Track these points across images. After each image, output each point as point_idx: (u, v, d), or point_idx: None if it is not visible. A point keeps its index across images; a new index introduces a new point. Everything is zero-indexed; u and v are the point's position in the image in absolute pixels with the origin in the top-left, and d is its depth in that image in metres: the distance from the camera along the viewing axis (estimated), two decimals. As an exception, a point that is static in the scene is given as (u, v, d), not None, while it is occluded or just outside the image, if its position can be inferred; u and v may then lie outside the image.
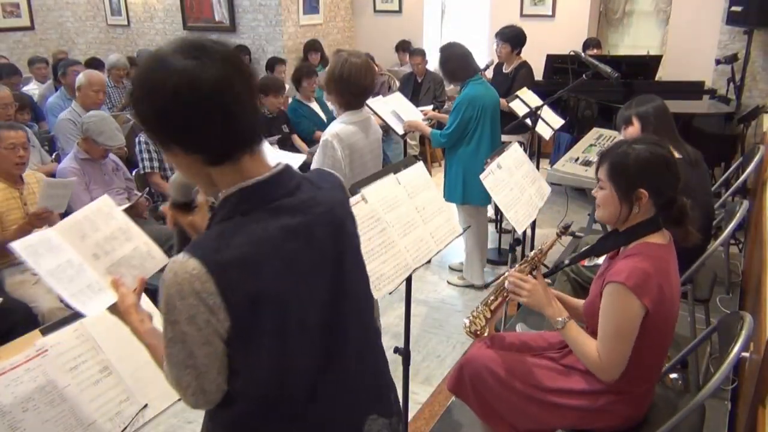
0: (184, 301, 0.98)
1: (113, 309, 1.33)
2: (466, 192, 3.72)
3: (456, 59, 3.69)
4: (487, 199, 2.76)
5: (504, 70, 4.69)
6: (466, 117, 3.63)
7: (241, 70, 1.03)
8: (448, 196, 3.82)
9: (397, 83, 6.54)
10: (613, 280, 1.72)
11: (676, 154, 2.70)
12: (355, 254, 1.24)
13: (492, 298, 2.12)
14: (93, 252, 1.44)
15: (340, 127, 2.56)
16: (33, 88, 6.01)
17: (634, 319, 1.71)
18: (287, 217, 1.07)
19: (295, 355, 1.10)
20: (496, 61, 4.75)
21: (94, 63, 6.12)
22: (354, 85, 2.54)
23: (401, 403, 2.27)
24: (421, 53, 6.06)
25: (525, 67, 4.59)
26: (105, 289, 1.38)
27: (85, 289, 1.38)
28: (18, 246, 1.40)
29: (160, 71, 0.98)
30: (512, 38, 4.50)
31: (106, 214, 1.50)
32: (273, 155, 3.25)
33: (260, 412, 1.11)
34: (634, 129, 2.78)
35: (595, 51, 5.75)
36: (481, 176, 2.76)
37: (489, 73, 4.87)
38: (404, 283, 2.08)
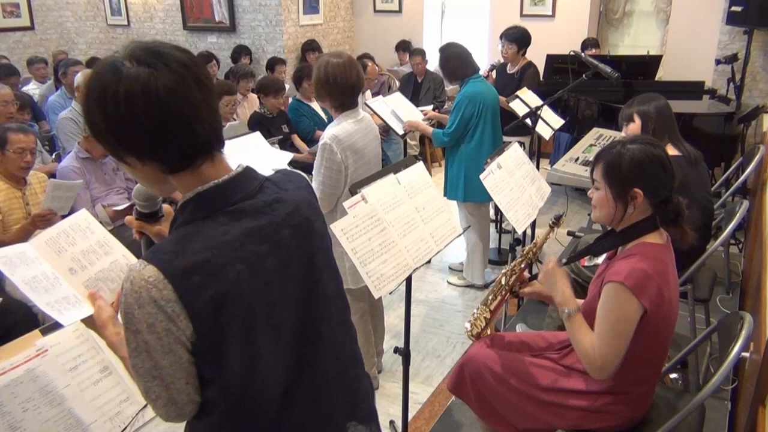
0: (142, 309, 0.96)
1: (88, 322, 1.32)
2: (468, 189, 3.72)
3: (456, 58, 3.71)
4: (488, 195, 2.77)
5: (509, 71, 4.69)
6: (467, 114, 3.63)
7: (198, 77, 1.01)
8: (450, 193, 3.83)
9: (397, 83, 6.54)
10: (612, 279, 1.72)
11: (676, 152, 2.71)
12: (325, 254, 1.21)
13: (491, 298, 2.12)
14: (69, 266, 1.43)
15: (337, 129, 2.55)
16: (33, 88, 6.02)
17: (631, 318, 1.71)
18: (249, 219, 1.05)
19: (267, 359, 1.07)
20: (502, 61, 4.75)
21: (94, 63, 6.12)
22: (341, 85, 2.52)
23: (401, 403, 2.28)
24: (421, 53, 6.06)
25: (532, 67, 4.61)
26: (82, 302, 1.36)
27: (61, 300, 1.36)
28: None
29: (112, 78, 0.96)
30: (518, 38, 4.51)
31: (84, 229, 1.48)
32: (268, 155, 3.28)
33: (237, 420, 1.08)
34: (635, 126, 2.80)
35: (593, 51, 5.76)
36: (481, 176, 2.75)
37: (494, 75, 4.86)
38: (404, 283, 2.08)
